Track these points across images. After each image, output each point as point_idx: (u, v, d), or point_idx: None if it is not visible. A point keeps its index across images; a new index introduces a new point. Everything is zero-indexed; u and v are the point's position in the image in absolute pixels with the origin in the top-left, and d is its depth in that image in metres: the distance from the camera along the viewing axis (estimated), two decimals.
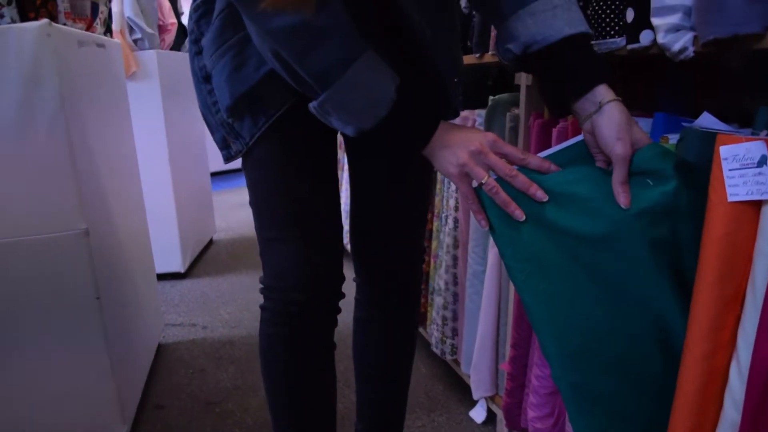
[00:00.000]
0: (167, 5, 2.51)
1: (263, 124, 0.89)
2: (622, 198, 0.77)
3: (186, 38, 2.66)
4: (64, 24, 1.37)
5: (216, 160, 2.08)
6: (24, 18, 1.25)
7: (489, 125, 1.29)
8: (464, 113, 1.37)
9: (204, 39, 0.92)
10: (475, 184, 0.80)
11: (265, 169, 0.92)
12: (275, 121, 0.88)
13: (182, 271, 2.73)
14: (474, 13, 1.40)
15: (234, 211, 4.08)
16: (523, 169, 0.80)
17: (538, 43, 0.82)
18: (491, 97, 1.31)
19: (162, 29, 2.45)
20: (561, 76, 0.82)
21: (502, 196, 0.78)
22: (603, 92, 0.80)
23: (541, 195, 0.77)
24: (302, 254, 0.90)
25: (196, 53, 0.94)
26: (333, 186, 0.97)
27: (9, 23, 1.23)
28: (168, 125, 2.51)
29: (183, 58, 2.74)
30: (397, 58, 0.85)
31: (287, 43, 0.76)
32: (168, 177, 2.55)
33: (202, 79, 0.94)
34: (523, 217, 0.78)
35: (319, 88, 0.78)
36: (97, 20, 1.53)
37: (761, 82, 0.99)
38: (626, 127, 0.79)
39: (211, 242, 3.34)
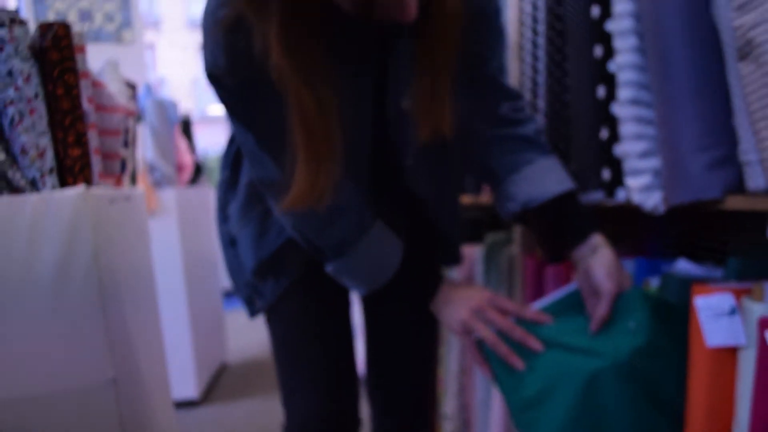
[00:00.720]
0: (184, 144, 2.70)
1: (285, 284, 0.99)
2: (594, 325, 0.87)
3: (200, 173, 2.84)
4: (98, 185, 1.51)
5: (228, 278, 2.18)
6: (63, 182, 1.38)
7: (487, 264, 1.39)
8: (464, 249, 1.47)
9: (230, 207, 1.04)
10: (476, 337, 0.88)
11: (287, 324, 1.01)
12: (295, 281, 0.98)
13: (197, 398, 2.75)
14: None
15: (246, 332, 4.11)
16: (521, 320, 0.89)
17: (534, 201, 0.93)
18: (489, 235, 1.41)
19: (180, 167, 2.63)
20: (559, 229, 0.93)
21: (502, 348, 0.86)
22: (597, 239, 0.90)
23: (537, 346, 0.86)
24: (323, 406, 0.97)
25: (223, 220, 1.05)
26: (350, 336, 1.05)
27: (51, 189, 1.36)
28: (185, 255, 2.64)
29: (199, 192, 2.92)
30: (404, 215, 0.97)
31: (305, 223, 0.87)
32: (185, 305, 2.65)
33: (229, 243, 1.05)
34: (523, 367, 0.86)
35: (333, 257, 0.88)
36: (125, 175, 1.67)
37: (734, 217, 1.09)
38: (616, 268, 0.89)
39: (224, 365, 3.37)
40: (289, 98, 0.73)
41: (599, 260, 0.90)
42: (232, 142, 1.03)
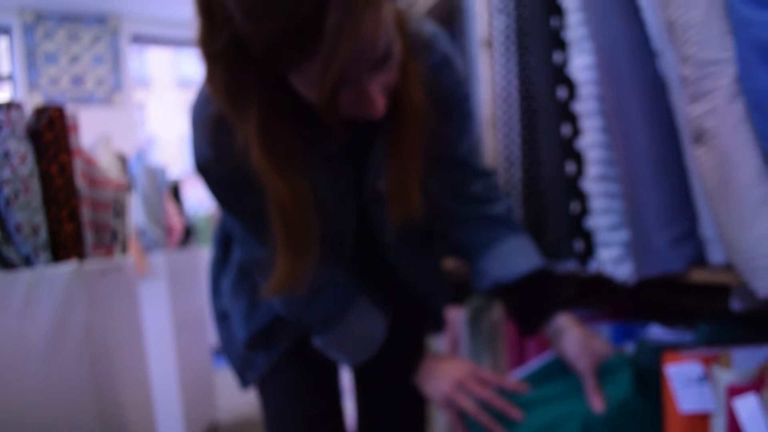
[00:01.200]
0: (174, 208, 2.74)
1: (275, 356, 1.02)
2: (597, 404, 0.90)
3: (189, 235, 2.87)
4: (90, 256, 1.54)
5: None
6: (57, 257, 1.41)
7: (471, 327, 1.43)
8: (449, 312, 1.51)
9: (222, 283, 1.08)
10: (459, 409, 0.92)
11: (278, 395, 1.04)
12: (286, 353, 1.02)
13: None
14: None
15: (236, 390, 4.05)
16: (502, 390, 0.92)
17: (504, 279, 0.97)
18: (472, 299, 1.45)
19: (169, 230, 2.66)
20: (526, 307, 0.98)
21: (484, 418, 0.89)
22: (561, 320, 0.94)
23: (518, 416, 0.89)
24: None
25: (216, 295, 1.09)
26: (339, 405, 1.08)
27: (44, 264, 1.39)
28: (174, 315, 2.66)
29: (188, 255, 2.95)
30: (387, 289, 1.01)
31: (291, 300, 0.91)
32: (174, 365, 2.65)
33: (221, 317, 1.08)
34: None
35: (319, 331, 0.92)
36: (115, 245, 1.71)
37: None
38: (586, 345, 0.92)
39: (215, 425, 3.32)
40: (268, 192, 0.77)
41: (568, 341, 0.94)
42: (222, 221, 1.08)
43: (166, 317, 2.64)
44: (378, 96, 0.71)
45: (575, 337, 0.93)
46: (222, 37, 0.66)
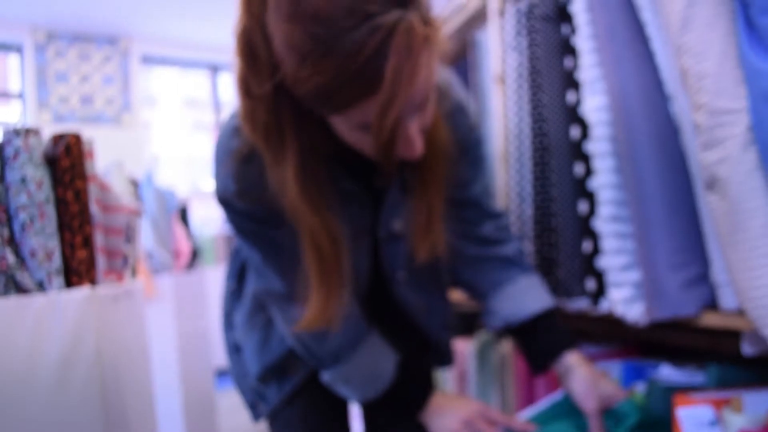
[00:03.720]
0: (182, 231, 2.76)
1: (287, 389, 1.02)
2: None
3: (196, 257, 2.88)
4: (102, 282, 1.55)
5: (220, 357, 2.15)
6: (69, 282, 1.42)
7: (479, 360, 1.43)
8: (457, 344, 1.52)
9: (235, 316, 1.08)
10: None
11: (289, 427, 1.04)
12: (298, 387, 1.02)
13: None
14: None
15: (236, 415, 4.01)
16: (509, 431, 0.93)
17: (515, 318, 0.98)
18: (480, 332, 1.46)
19: (177, 253, 2.67)
20: (536, 346, 0.98)
21: None
22: (569, 359, 0.95)
23: None
24: None
25: (229, 328, 1.10)
26: None
27: (57, 289, 1.40)
28: (180, 338, 2.66)
29: (194, 277, 2.95)
30: (396, 326, 1.02)
31: (305, 333, 0.92)
32: (177, 388, 2.65)
33: (234, 350, 1.09)
34: None
35: (329, 365, 0.93)
36: (126, 269, 1.72)
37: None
38: (593, 385, 0.93)
39: None
40: (302, 232, 0.79)
41: (576, 381, 0.95)
42: (237, 253, 1.09)
43: (171, 339, 2.64)
44: (417, 136, 0.73)
45: (583, 377, 0.93)
46: (265, 80, 0.67)
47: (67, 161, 1.50)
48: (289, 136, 0.73)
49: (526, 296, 0.99)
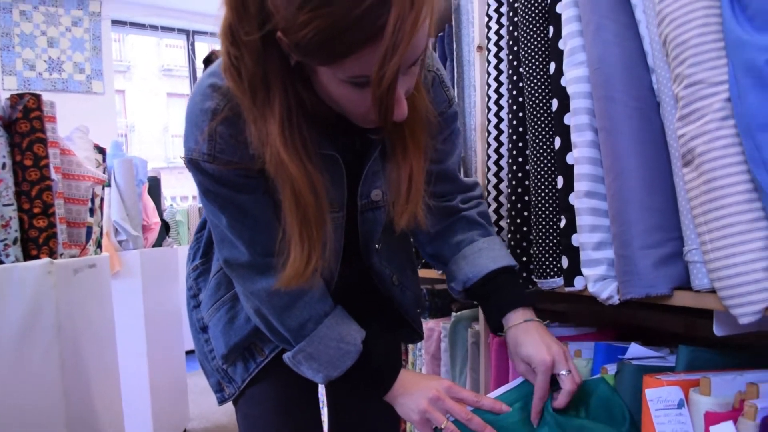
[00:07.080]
0: (151, 205, 2.69)
1: (253, 369, 1.00)
2: (533, 415, 0.90)
3: (167, 233, 2.82)
4: (62, 255, 1.50)
5: (191, 340, 2.13)
6: (27, 255, 1.37)
7: (452, 340, 1.41)
8: (430, 324, 1.50)
9: (201, 294, 1.05)
10: (435, 426, 0.90)
11: (256, 407, 1.02)
12: (263, 368, 0.99)
13: None
14: None
15: (207, 396, 3.97)
16: (478, 410, 0.90)
17: (471, 280, 0.97)
18: (453, 314, 1.44)
19: (145, 228, 2.61)
20: (487, 306, 0.97)
21: None
22: (520, 314, 0.94)
23: None
24: None
25: (194, 306, 1.07)
26: (318, 420, 1.06)
27: (14, 261, 1.35)
28: (147, 316, 2.61)
29: (164, 254, 2.89)
30: (367, 299, 0.99)
31: (268, 302, 0.89)
32: (145, 368, 2.61)
33: (200, 329, 1.06)
34: None
35: (293, 340, 0.90)
36: (90, 242, 1.67)
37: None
38: (542, 340, 0.90)
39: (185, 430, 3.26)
40: (283, 184, 0.77)
41: (522, 335, 0.92)
42: (202, 229, 1.06)
43: (138, 317, 2.60)
44: (402, 98, 0.72)
45: (530, 331, 0.92)
46: (254, 29, 0.67)
47: (25, 125, 1.44)
48: (275, 89, 0.72)
49: (483, 256, 0.98)
